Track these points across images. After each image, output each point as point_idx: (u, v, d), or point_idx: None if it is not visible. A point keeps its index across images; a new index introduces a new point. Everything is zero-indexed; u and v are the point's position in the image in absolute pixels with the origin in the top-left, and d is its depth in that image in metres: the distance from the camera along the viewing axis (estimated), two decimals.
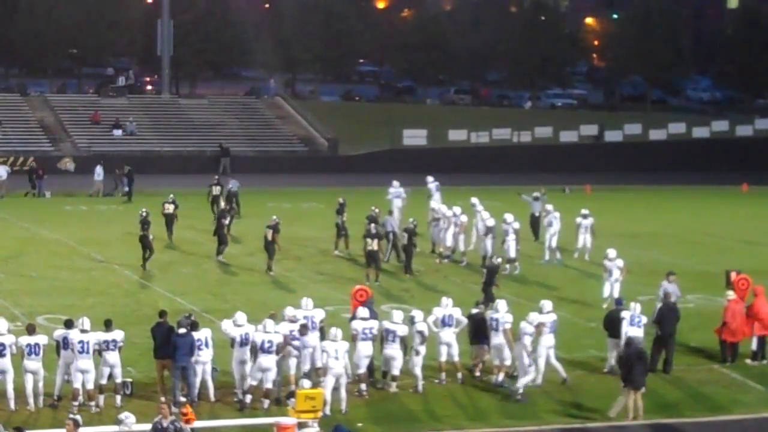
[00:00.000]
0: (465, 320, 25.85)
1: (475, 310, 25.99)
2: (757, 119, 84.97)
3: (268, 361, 23.39)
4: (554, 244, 40.30)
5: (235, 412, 23.08)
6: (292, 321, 24.35)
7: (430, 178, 48.58)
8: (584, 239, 40.12)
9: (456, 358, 25.41)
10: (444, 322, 25.46)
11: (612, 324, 26.28)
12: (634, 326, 25.64)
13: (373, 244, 35.87)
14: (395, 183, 47.66)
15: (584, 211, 40.47)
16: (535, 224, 43.73)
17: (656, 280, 30.57)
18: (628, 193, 64.31)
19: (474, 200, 41.62)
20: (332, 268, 38.22)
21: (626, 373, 23.20)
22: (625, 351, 23.79)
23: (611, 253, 32.73)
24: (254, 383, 23.45)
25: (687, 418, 23.53)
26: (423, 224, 41.49)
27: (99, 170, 58.22)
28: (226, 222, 40.32)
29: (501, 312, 25.24)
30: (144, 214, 38.48)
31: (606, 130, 79.87)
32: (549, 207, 41.64)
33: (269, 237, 37.33)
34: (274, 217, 38.37)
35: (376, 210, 40.31)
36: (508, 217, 38.08)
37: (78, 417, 19.05)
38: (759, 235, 47.63)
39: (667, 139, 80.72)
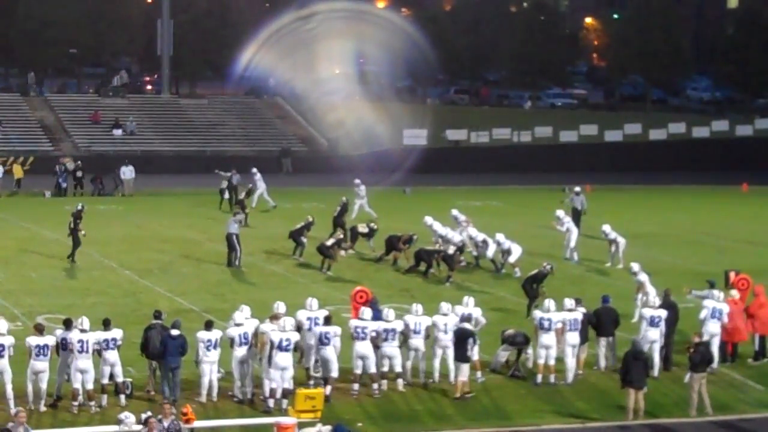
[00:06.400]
0: (484, 320, 26.20)
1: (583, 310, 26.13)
2: (757, 119, 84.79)
3: (285, 359, 23.38)
4: (572, 244, 40.44)
5: (235, 412, 23.08)
6: (276, 318, 24.26)
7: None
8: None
9: (476, 357, 25.43)
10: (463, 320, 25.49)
11: (599, 322, 26.41)
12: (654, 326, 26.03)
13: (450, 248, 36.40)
14: (357, 181, 49.07)
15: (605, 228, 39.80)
16: (577, 218, 43.84)
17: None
18: (628, 193, 64.24)
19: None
20: (333, 268, 38.13)
21: (625, 373, 23.21)
22: (626, 351, 23.82)
23: (635, 266, 31.12)
24: (274, 385, 23.33)
25: (687, 418, 23.54)
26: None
27: (124, 169, 59.47)
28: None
29: (552, 311, 25.58)
30: (80, 207, 39.40)
31: (606, 130, 79.76)
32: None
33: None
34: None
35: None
36: (500, 237, 38.09)
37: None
38: (759, 235, 47.56)
39: (667, 139, 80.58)
